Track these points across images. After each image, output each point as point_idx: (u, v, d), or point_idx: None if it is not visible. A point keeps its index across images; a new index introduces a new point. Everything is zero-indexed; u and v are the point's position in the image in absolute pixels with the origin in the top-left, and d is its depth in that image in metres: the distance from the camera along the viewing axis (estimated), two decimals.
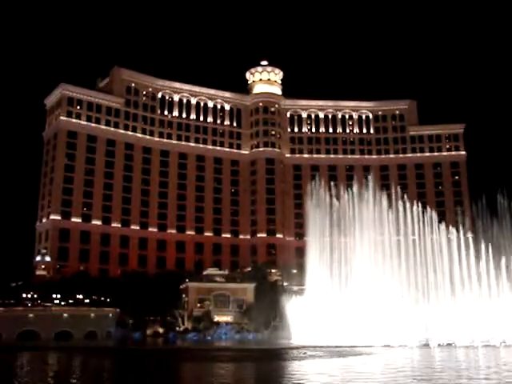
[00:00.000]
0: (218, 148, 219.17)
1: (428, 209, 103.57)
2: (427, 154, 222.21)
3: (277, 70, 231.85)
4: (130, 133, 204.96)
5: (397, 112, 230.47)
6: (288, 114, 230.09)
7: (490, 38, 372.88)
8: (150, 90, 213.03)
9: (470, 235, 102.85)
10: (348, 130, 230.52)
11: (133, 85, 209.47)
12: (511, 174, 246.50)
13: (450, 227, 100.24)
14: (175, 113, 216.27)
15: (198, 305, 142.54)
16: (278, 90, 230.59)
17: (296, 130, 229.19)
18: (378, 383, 35.00)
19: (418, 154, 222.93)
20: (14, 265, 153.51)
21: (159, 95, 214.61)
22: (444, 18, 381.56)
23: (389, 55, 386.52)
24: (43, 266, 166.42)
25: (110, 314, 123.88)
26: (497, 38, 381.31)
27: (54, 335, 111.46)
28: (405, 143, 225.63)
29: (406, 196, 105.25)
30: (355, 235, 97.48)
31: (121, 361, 58.89)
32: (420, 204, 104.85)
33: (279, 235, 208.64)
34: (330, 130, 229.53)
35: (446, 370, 43.25)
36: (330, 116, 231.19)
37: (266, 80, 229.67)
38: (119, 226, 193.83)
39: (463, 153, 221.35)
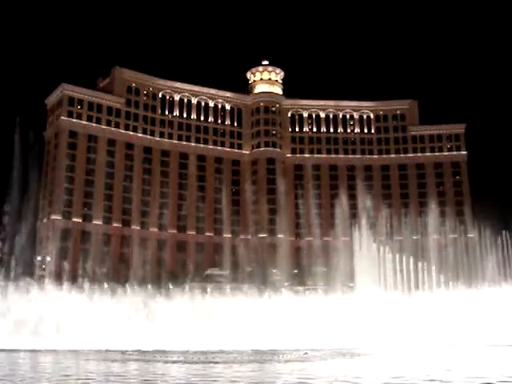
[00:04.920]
0: (219, 148, 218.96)
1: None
2: (428, 154, 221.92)
3: (278, 70, 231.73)
4: (131, 133, 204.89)
5: (398, 112, 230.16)
6: (289, 114, 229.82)
7: (491, 38, 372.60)
8: (151, 89, 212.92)
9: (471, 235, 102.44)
10: (349, 130, 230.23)
11: (133, 84, 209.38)
12: None
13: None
14: (176, 112, 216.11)
15: None
16: (278, 90, 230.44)
17: (297, 129, 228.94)
18: None
19: (419, 154, 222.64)
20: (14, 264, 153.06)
21: (160, 95, 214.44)
22: (444, 18, 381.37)
23: (390, 55, 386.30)
24: (43, 266, 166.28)
25: None
26: (497, 38, 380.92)
27: None
28: (406, 143, 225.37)
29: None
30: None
31: None
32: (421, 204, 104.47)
33: (280, 235, 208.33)
34: (331, 129, 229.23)
35: None
36: (331, 116, 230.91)
37: (266, 80, 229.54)
38: (119, 225, 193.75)
39: (464, 153, 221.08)
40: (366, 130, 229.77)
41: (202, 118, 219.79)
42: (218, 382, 28.30)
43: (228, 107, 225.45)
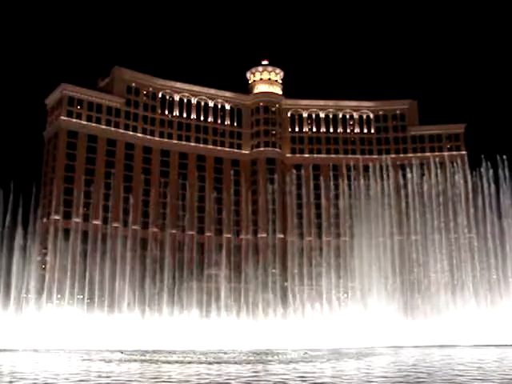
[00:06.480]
0: (219, 148, 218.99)
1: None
2: (428, 154, 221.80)
3: (277, 70, 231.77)
4: (131, 132, 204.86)
5: (397, 112, 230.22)
6: (289, 114, 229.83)
7: (490, 38, 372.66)
8: (151, 89, 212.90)
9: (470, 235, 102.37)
10: (349, 130, 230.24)
11: (133, 84, 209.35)
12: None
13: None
14: (176, 112, 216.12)
15: None
16: (278, 90, 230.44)
17: (297, 129, 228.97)
18: None
19: (419, 154, 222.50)
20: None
21: (160, 95, 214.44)
22: (444, 17, 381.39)
23: (389, 55, 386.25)
24: (43, 266, 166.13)
25: None
26: (497, 37, 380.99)
27: None
28: (406, 143, 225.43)
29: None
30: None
31: None
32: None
33: (280, 235, 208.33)
34: (331, 129, 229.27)
35: None
36: (330, 116, 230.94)
37: (266, 80, 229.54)
38: (119, 225, 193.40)
39: (464, 152, 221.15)
40: (365, 130, 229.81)
41: (202, 118, 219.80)
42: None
43: (228, 107, 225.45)
